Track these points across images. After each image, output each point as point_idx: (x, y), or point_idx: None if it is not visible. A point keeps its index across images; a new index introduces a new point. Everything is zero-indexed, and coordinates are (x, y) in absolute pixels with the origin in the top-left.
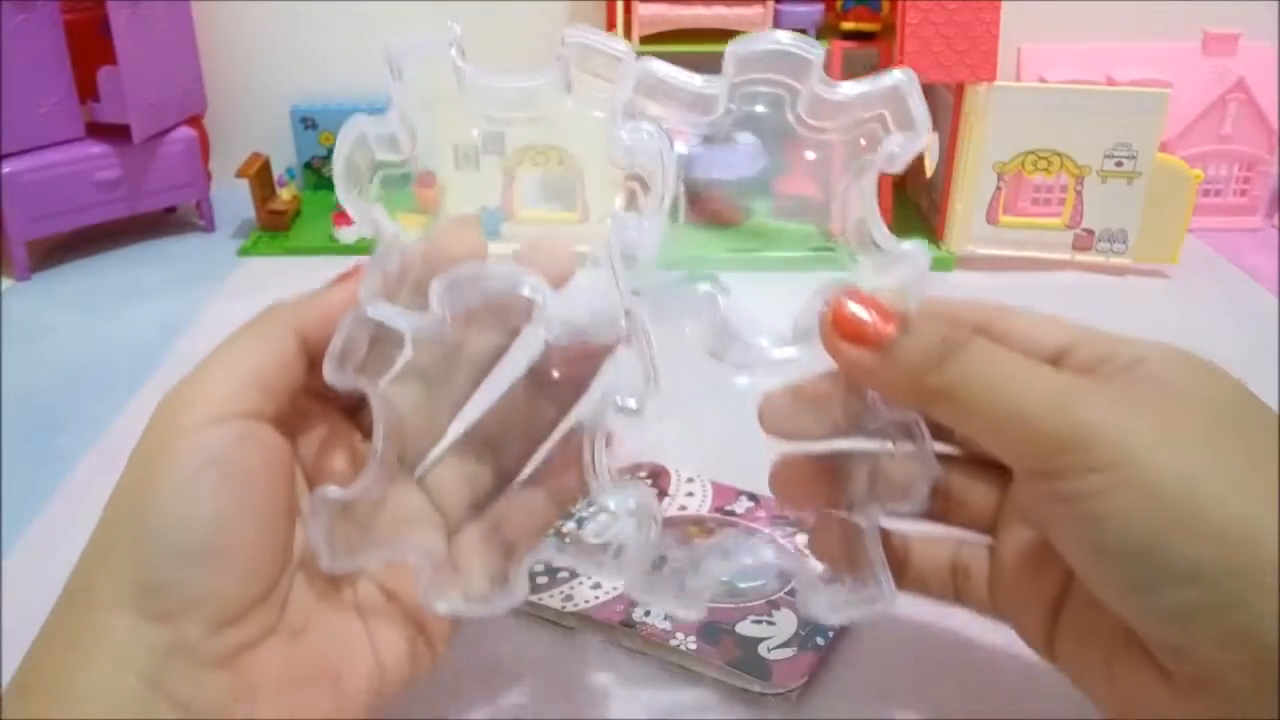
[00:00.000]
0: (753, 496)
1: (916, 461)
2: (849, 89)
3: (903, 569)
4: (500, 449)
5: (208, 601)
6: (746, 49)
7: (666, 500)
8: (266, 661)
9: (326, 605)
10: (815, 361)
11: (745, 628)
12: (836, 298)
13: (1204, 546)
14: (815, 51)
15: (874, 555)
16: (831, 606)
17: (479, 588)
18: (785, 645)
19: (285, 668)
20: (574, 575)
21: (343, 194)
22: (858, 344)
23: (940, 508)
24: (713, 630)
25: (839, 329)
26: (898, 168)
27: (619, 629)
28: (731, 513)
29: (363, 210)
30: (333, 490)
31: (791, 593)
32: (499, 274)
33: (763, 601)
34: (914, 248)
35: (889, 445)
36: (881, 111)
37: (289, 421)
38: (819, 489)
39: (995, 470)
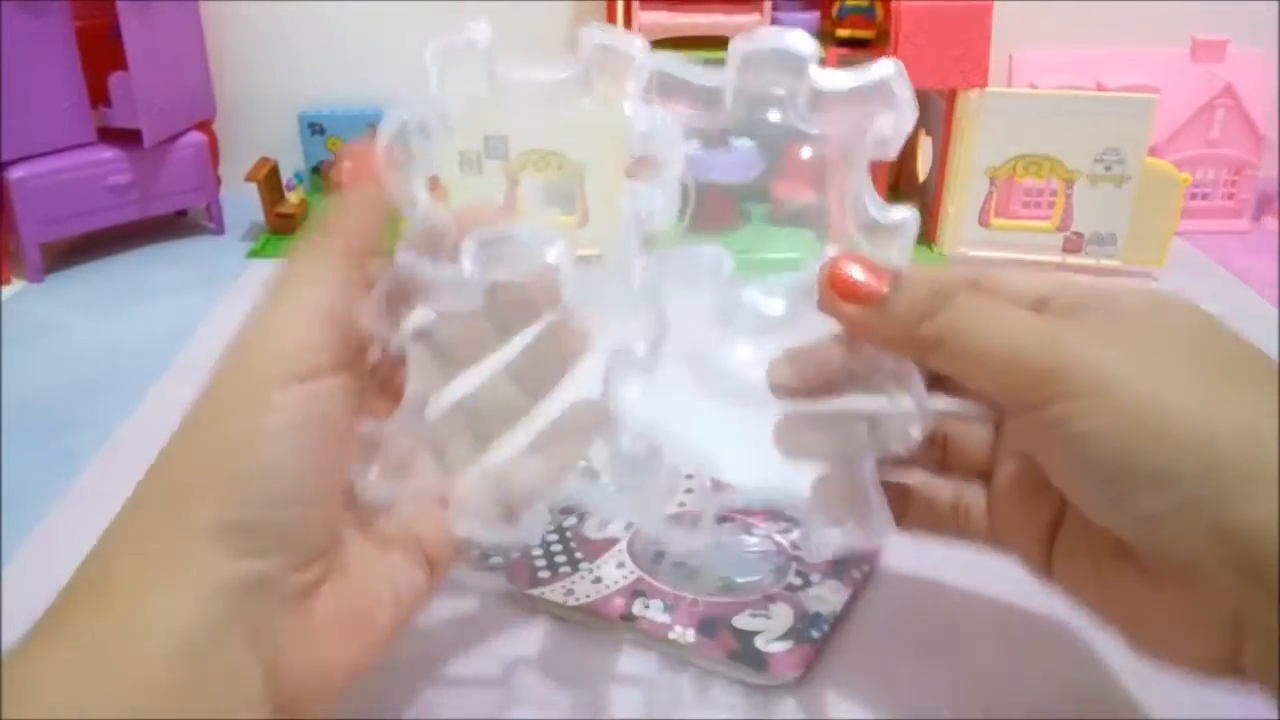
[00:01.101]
0: None
1: (912, 405)
2: (841, 80)
3: (905, 511)
4: (486, 422)
5: (294, 544)
6: (750, 46)
7: None
8: (325, 602)
9: (363, 542)
10: (816, 322)
11: (742, 621)
12: (832, 260)
13: (1173, 456)
14: (810, 47)
15: (873, 497)
16: (830, 542)
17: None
18: (782, 638)
19: (338, 607)
20: (575, 569)
21: (386, 175)
22: (854, 301)
23: (939, 457)
24: (711, 624)
25: (836, 288)
26: (891, 153)
27: (619, 622)
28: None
29: (403, 187)
30: (374, 425)
31: (788, 587)
32: (526, 236)
33: (759, 596)
34: (905, 214)
35: (886, 397)
36: (875, 110)
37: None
38: (821, 442)
39: (987, 417)
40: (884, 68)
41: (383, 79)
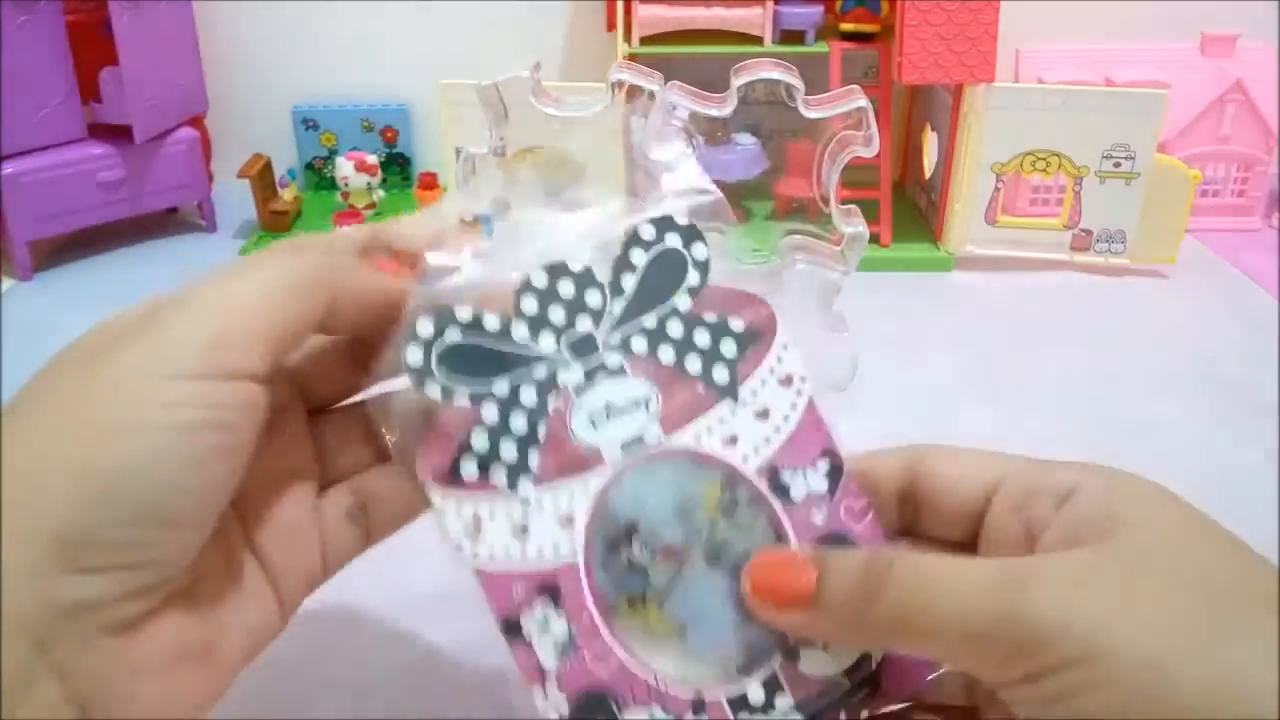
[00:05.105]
0: None
1: None
2: (820, 111)
3: None
4: None
5: (140, 566)
6: (746, 80)
7: None
8: (160, 633)
9: (218, 565)
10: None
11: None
12: (749, 569)
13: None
14: (799, 83)
15: None
16: None
17: None
18: None
19: (177, 639)
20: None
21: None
22: (784, 606)
23: None
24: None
25: (761, 597)
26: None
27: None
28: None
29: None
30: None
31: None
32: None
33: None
34: (858, 228)
35: None
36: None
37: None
38: None
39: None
40: (856, 100)
41: (376, 73)
